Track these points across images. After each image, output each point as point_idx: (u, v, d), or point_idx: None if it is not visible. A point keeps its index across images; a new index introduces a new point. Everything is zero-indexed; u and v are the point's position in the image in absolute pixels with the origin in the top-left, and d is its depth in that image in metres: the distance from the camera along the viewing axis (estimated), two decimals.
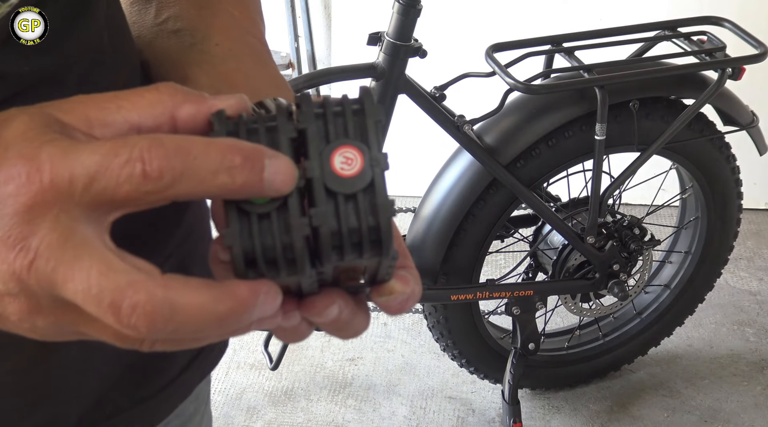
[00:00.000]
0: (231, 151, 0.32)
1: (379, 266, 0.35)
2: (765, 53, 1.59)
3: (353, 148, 0.33)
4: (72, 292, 0.31)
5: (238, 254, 0.33)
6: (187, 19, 0.54)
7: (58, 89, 0.46)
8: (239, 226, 0.33)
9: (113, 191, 0.32)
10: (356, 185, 0.33)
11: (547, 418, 1.97)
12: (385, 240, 0.33)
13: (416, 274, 0.39)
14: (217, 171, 0.32)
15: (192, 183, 0.32)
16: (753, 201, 2.60)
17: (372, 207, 0.33)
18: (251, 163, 0.32)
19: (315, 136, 0.33)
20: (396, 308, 0.38)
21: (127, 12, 0.56)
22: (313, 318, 0.37)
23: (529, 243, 1.86)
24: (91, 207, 0.32)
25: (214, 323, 0.32)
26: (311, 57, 2.68)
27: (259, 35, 0.57)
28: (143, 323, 0.31)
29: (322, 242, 0.33)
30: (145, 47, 0.55)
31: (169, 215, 0.59)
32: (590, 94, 1.58)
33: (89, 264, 0.31)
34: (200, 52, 0.53)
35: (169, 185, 0.32)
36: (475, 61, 1.75)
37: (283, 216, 0.33)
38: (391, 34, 1.56)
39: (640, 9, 2.43)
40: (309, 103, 0.34)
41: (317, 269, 0.34)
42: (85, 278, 0.31)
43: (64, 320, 0.34)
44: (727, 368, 2.10)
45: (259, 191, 0.32)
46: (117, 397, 0.59)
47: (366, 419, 1.95)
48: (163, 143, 0.32)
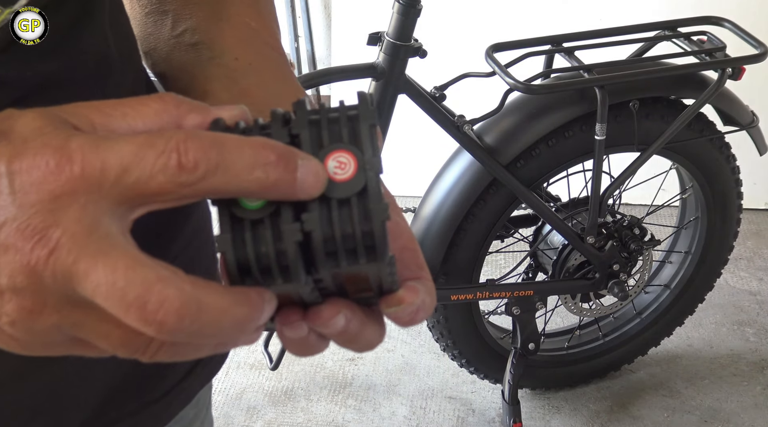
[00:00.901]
0: (265, 148, 0.32)
1: (380, 274, 0.35)
2: (765, 53, 1.59)
3: (346, 152, 0.33)
4: (93, 286, 0.30)
5: (231, 260, 0.32)
6: (204, 32, 0.53)
7: (61, 95, 0.45)
8: (232, 232, 0.32)
9: (146, 183, 0.31)
10: (349, 190, 0.33)
11: (547, 418, 1.97)
12: (379, 245, 0.33)
13: (430, 285, 0.38)
14: (253, 166, 0.32)
15: (227, 177, 0.31)
16: (753, 201, 2.60)
17: (365, 212, 0.33)
18: (285, 161, 0.32)
19: (308, 141, 0.33)
20: (406, 320, 0.37)
21: (142, 23, 0.55)
22: (320, 329, 0.36)
23: (529, 243, 1.86)
24: (119, 200, 0.31)
25: (234, 325, 0.32)
26: (311, 57, 2.68)
27: (278, 46, 0.56)
28: (171, 319, 0.30)
29: (315, 247, 0.32)
30: (161, 60, 0.54)
31: (173, 218, 0.59)
32: (590, 94, 1.58)
33: (115, 258, 0.30)
34: (219, 67, 0.52)
35: (202, 177, 0.31)
36: (475, 61, 1.75)
37: (275, 222, 0.33)
38: (391, 34, 1.56)
39: (640, 9, 2.43)
40: (303, 109, 0.34)
41: (313, 276, 0.34)
42: (111, 272, 0.30)
43: (67, 322, 0.32)
44: (727, 368, 2.10)
45: (292, 191, 0.32)
46: (118, 404, 0.59)
47: (366, 419, 1.95)
48: (199, 136, 0.32)
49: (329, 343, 0.38)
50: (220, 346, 0.34)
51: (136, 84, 0.55)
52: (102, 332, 0.32)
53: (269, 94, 0.51)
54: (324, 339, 0.37)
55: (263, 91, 0.51)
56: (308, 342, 0.37)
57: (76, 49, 0.47)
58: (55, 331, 0.33)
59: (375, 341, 0.38)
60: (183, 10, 0.54)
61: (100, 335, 0.33)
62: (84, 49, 0.47)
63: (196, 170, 0.31)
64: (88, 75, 0.48)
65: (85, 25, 0.47)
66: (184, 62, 0.53)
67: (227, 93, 0.50)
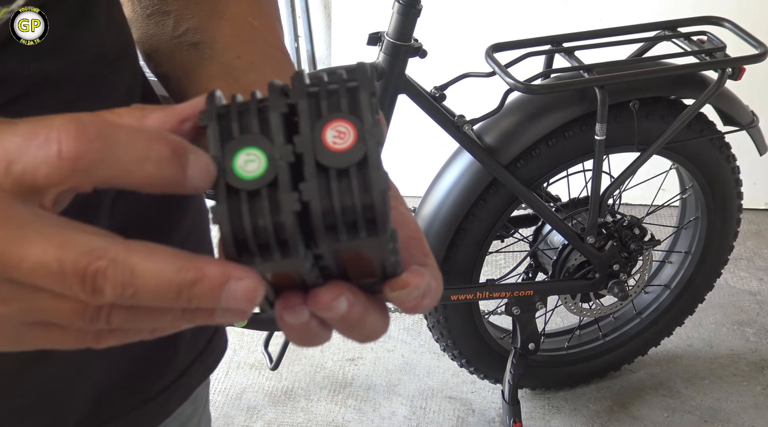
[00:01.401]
0: (158, 141, 0.31)
1: (382, 252, 0.33)
2: (765, 53, 1.59)
3: (346, 121, 0.32)
4: (29, 269, 0.30)
5: (227, 232, 0.31)
6: (206, 31, 0.53)
7: (59, 93, 0.46)
8: (227, 203, 0.31)
9: (33, 173, 0.30)
10: (349, 159, 0.31)
11: (547, 418, 1.97)
12: (380, 217, 0.31)
13: (436, 271, 0.37)
14: (143, 160, 0.31)
15: (115, 170, 0.31)
16: (753, 201, 2.60)
17: (365, 182, 0.31)
18: (177, 156, 0.31)
19: (306, 110, 0.32)
20: (412, 305, 0.35)
21: (143, 25, 0.55)
22: (322, 313, 0.34)
23: (529, 243, 1.86)
24: (18, 190, 0.31)
25: (170, 292, 0.30)
26: (311, 57, 2.68)
27: (280, 45, 0.56)
28: (109, 285, 0.30)
29: (313, 220, 0.31)
30: (163, 61, 0.54)
31: (169, 214, 0.59)
32: (590, 94, 1.58)
33: (41, 240, 0.30)
34: (221, 65, 0.51)
35: (87, 169, 0.30)
36: (475, 61, 1.75)
37: (273, 193, 0.31)
38: (391, 34, 1.56)
39: (640, 9, 2.43)
40: (302, 80, 0.33)
41: (313, 251, 0.33)
42: (42, 254, 0.30)
43: (13, 308, 0.32)
44: (727, 368, 2.10)
45: (181, 187, 0.31)
46: (115, 401, 0.58)
47: (366, 419, 1.95)
48: (84, 124, 0.31)
49: (332, 333, 0.37)
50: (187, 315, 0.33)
51: (133, 83, 0.55)
52: (53, 309, 0.32)
53: None
54: (326, 327, 0.36)
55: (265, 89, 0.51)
56: (309, 329, 0.35)
57: (75, 48, 0.47)
58: (5, 321, 0.33)
59: (379, 329, 0.37)
60: (185, 10, 0.53)
61: (53, 312, 0.32)
62: (82, 49, 0.47)
63: (78, 161, 0.30)
64: (85, 74, 0.48)
65: (84, 24, 0.47)
66: (186, 62, 0.53)
67: (229, 91, 0.50)
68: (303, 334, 0.36)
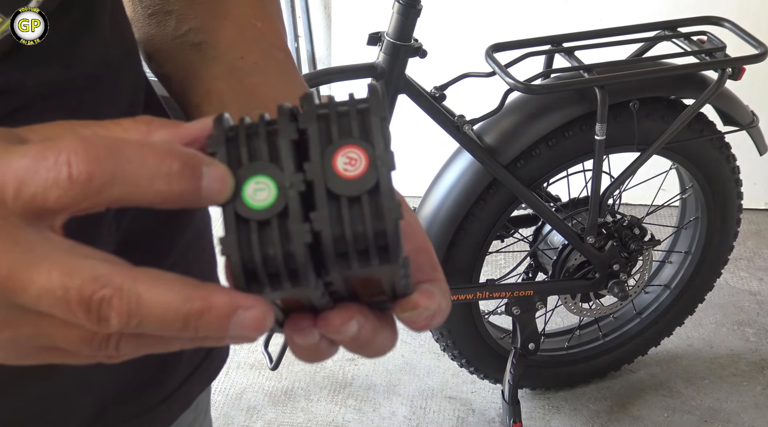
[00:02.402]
0: (169, 156, 0.30)
1: (393, 276, 0.33)
2: (765, 53, 1.59)
3: (357, 147, 0.31)
4: (35, 296, 0.30)
5: (237, 263, 0.30)
6: (208, 32, 0.52)
7: (62, 102, 0.45)
8: (237, 233, 0.31)
9: (43, 197, 0.30)
10: (361, 187, 0.31)
11: (547, 418, 1.97)
12: (392, 245, 0.31)
13: (445, 287, 0.36)
14: (154, 177, 0.30)
15: (126, 189, 0.30)
16: (753, 201, 2.60)
17: (377, 210, 0.31)
18: (190, 169, 0.30)
19: (316, 136, 0.31)
20: (421, 325, 0.35)
21: (145, 25, 0.54)
22: (332, 335, 0.34)
23: (529, 243, 1.86)
24: (27, 214, 0.30)
25: (177, 322, 0.30)
26: (311, 57, 2.68)
27: (284, 47, 0.55)
28: (114, 315, 0.29)
29: (325, 248, 0.31)
30: (165, 61, 0.53)
31: (173, 226, 0.58)
32: (590, 94, 1.58)
33: (48, 266, 0.29)
34: (224, 65, 0.51)
35: (98, 190, 0.29)
36: (475, 61, 1.75)
37: (283, 222, 0.31)
38: (391, 34, 1.56)
39: (640, 9, 2.43)
40: (312, 103, 0.32)
41: (324, 279, 0.32)
42: (47, 281, 0.29)
43: (21, 333, 0.32)
44: (727, 368, 2.10)
45: (196, 201, 0.31)
46: (117, 409, 0.58)
47: (366, 419, 1.95)
48: (94, 144, 0.30)
49: (339, 348, 0.36)
50: (196, 341, 0.32)
51: (136, 86, 0.54)
52: (61, 336, 0.32)
53: (275, 93, 0.50)
54: (334, 345, 0.36)
55: (269, 90, 0.50)
56: (319, 349, 0.35)
57: (78, 54, 0.46)
58: (13, 344, 0.32)
59: (387, 346, 0.36)
60: (187, 10, 0.53)
61: (60, 338, 0.32)
62: (86, 55, 0.47)
63: (90, 183, 0.29)
64: (88, 80, 0.47)
65: (87, 29, 0.47)
66: (188, 62, 0.52)
67: (232, 91, 0.49)
68: (311, 353, 0.36)
